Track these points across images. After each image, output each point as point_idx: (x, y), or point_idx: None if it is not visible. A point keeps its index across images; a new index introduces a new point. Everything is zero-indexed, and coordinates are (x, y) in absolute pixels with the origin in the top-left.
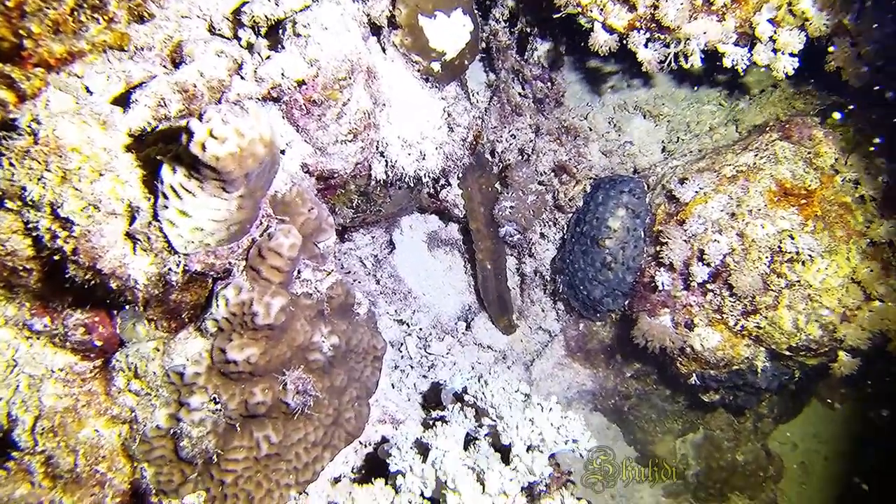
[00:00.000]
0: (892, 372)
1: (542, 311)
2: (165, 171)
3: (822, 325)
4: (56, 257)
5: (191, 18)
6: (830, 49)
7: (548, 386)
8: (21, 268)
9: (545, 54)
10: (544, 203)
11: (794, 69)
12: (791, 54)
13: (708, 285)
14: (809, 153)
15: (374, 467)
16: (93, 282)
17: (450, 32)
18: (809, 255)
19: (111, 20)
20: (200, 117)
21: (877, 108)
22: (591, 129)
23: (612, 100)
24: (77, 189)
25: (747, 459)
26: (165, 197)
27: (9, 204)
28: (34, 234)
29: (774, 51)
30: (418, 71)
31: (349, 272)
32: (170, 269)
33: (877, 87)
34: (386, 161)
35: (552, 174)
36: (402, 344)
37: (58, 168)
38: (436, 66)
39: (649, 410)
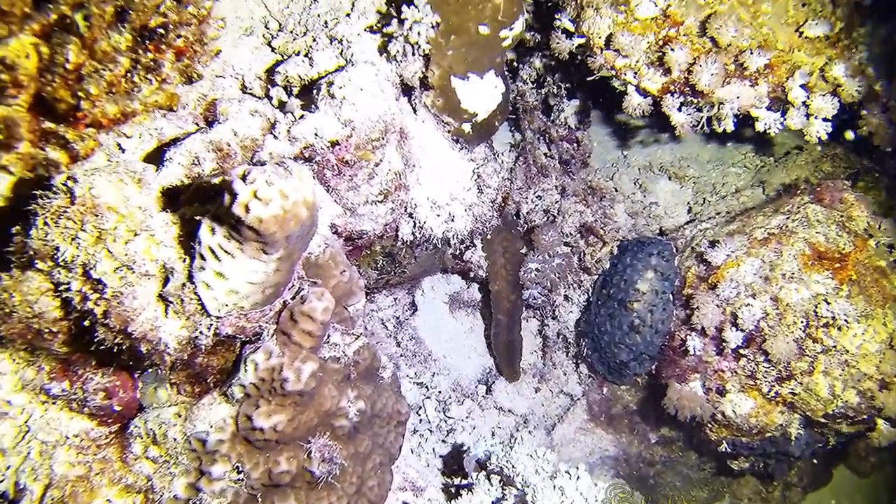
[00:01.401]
0: None
1: (565, 374)
2: (204, 231)
3: (860, 392)
4: (86, 321)
5: (224, 78)
6: (863, 113)
7: (570, 451)
8: (47, 330)
9: (572, 115)
10: (570, 265)
11: (827, 134)
12: (824, 119)
13: (741, 350)
14: (842, 217)
15: None
16: (123, 345)
17: (481, 94)
18: (845, 320)
19: (163, 81)
20: (244, 178)
21: None
22: (616, 191)
23: (637, 161)
24: (111, 250)
25: None
26: (203, 258)
27: (39, 265)
28: (64, 295)
29: (807, 115)
30: (448, 132)
31: (372, 334)
32: (201, 332)
33: None
34: (414, 222)
35: (578, 235)
36: (420, 407)
37: (93, 228)
38: (466, 128)
39: (674, 478)
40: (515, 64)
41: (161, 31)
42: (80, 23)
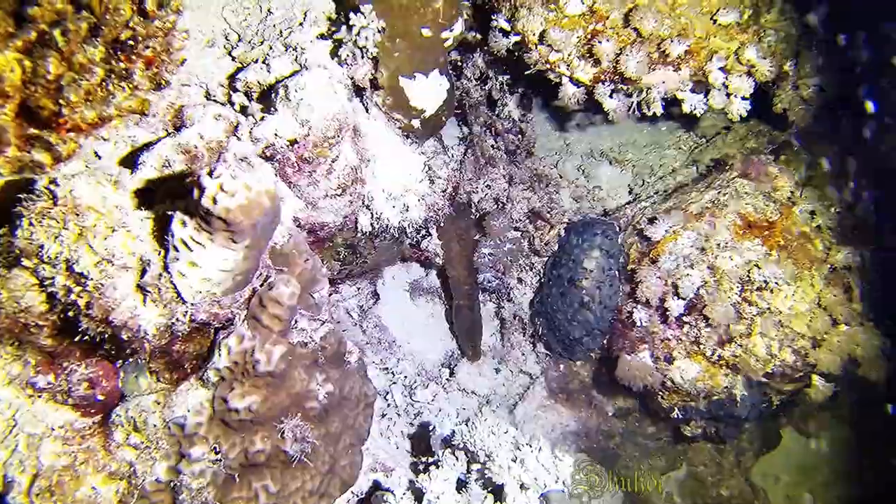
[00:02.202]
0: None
1: (523, 354)
2: (176, 224)
3: (795, 350)
4: (70, 312)
5: (190, 86)
6: (777, 92)
7: (531, 428)
8: (34, 324)
9: (515, 108)
10: (521, 248)
11: (746, 111)
12: (743, 98)
13: (684, 318)
14: (768, 188)
15: None
16: (105, 334)
17: (428, 92)
18: (776, 283)
19: (136, 88)
20: (211, 173)
21: (822, 141)
22: (561, 177)
23: (580, 148)
24: (92, 245)
25: (732, 494)
26: (176, 249)
27: (25, 262)
28: (49, 289)
29: (727, 95)
30: (399, 128)
31: (338, 322)
32: (177, 318)
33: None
34: (372, 213)
35: (527, 220)
36: (388, 392)
37: (75, 226)
38: (416, 123)
39: (633, 449)
40: (460, 63)
41: (131, 43)
42: (58, 38)
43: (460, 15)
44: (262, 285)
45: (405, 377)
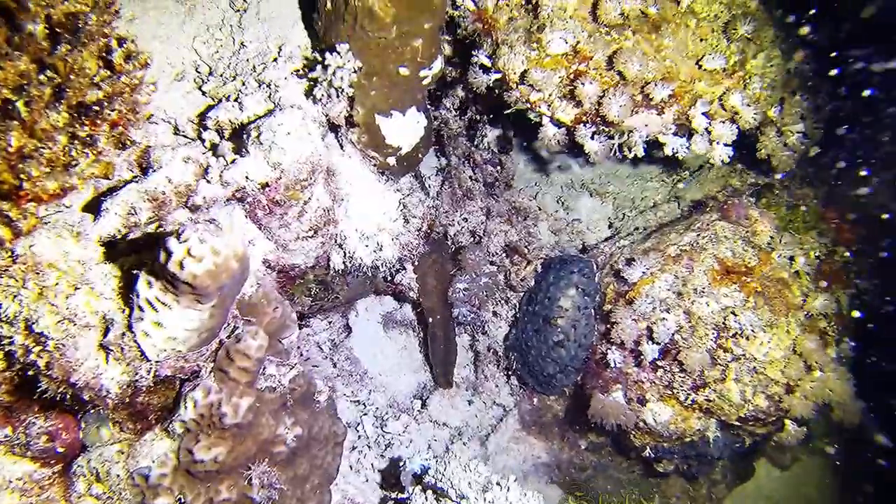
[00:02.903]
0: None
1: (497, 386)
2: (142, 285)
3: (769, 397)
4: (29, 371)
5: (157, 124)
6: (760, 138)
7: (504, 460)
8: None
9: (494, 139)
10: (496, 283)
11: (729, 157)
12: (726, 144)
13: (658, 362)
14: (747, 232)
15: None
16: (66, 394)
17: (404, 130)
18: (752, 330)
19: (100, 154)
20: (178, 236)
21: (804, 186)
22: (540, 209)
23: (560, 179)
24: (53, 304)
25: None
26: (141, 309)
27: None
28: (6, 349)
29: (710, 141)
30: (375, 165)
31: (307, 359)
32: (141, 375)
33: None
34: (344, 252)
35: (504, 255)
36: (359, 424)
37: (35, 285)
38: (391, 161)
39: (605, 482)
40: (438, 93)
41: (96, 108)
42: (21, 108)
43: (440, 52)
44: (229, 337)
45: (376, 408)
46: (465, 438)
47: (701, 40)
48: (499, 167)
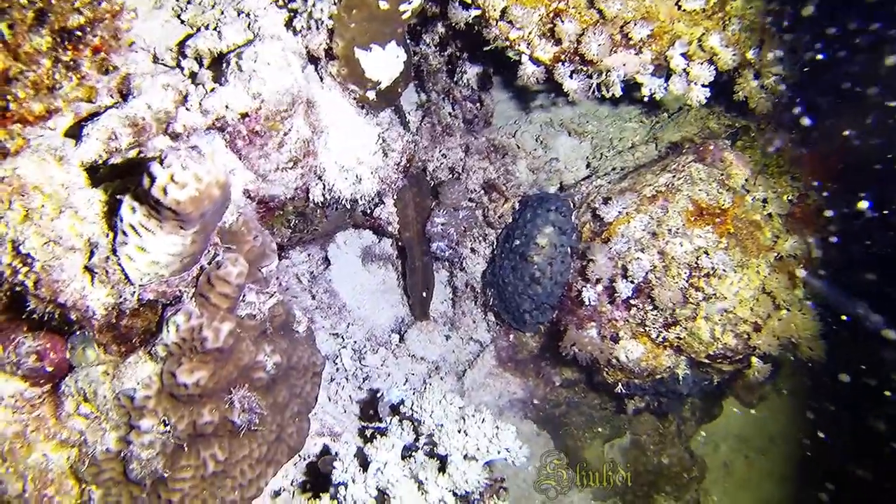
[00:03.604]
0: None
1: (474, 322)
2: (125, 210)
3: (737, 335)
4: (17, 289)
5: (136, 52)
6: (738, 80)
7: (480, 395)
8: None
9: (474, 76)
10: (475, 219)
11: (706, 98)
12: (703, 85)
13: (632, 301)
14: (722, 174)
15: (315, 479)
16: (54, 314)
17: (384, 64)
18: (724, 270)
19: (83, 78)
20: (162, 161)
21: (780, 130)
22: (518, 147)
23: (539, 117)
24: (38, 226)
25: (672, 462)
26: (125, 234)
27: None
28: None
29: (688, 81)
30: (354, 99)
31: (287, 289)
32: (125, 298)
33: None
34: (324, 185)
35: (482, 191)
36: (337, 356)
37: (20, 207)
38: (371, 95)
39: (578, 417)
40: (419, 28)
41: (78, 33)
42: (4, 31)
43: None
44: (210, 263)
45: (355, 342)
46: (442, 373)
47: None
48: (478, 104)
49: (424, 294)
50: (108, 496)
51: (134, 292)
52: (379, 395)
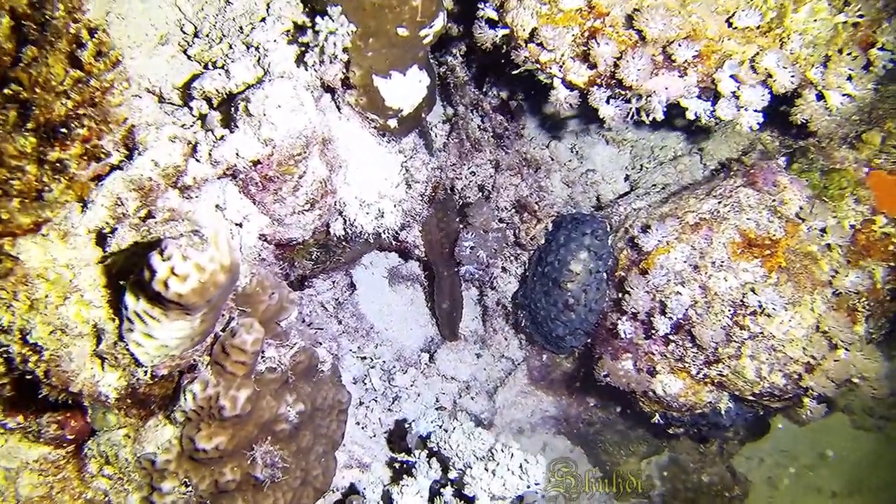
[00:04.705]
0: None
1: (505, 339)
2: (129, 298)
3: (787, 375)
4: (28, 377)
5: (141, 97)
6: (797, 101)
7: (511, 413)
8: None
9: (504, 87)
10: (505, 239)
11: (758, 124)
12: (755, 110)
13: (670, 336)
14: (774, 201)
15: None
16: (67, 400)
17: (405, 91)
18: (773, 308)
19: (72, 178)
20: (161, 252)
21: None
22: (552, 160)
23: (574, 125)
24: (44, 315)
25: (713, 480)
26: (130, 321)
27: None
28: (4, 356)
29: (738, 107)
30: (374, 128)
31: (310, 324)
32: (138, 378)
33: None
34: (344, 220)
35: (513, 211)
36: (366, 376)
37: (25, 297)
38: (392, 123)
39: (613, 435)
40: (443, 37)
41: (63, 130)
42: None
43: (441, 9)
44: (224, 330)
45: (383, 362)
46: (472, 393)
47: None
48: (509, 115)
49: (453, 315)
50: None
51: (146, 371)
52: (408, 425)
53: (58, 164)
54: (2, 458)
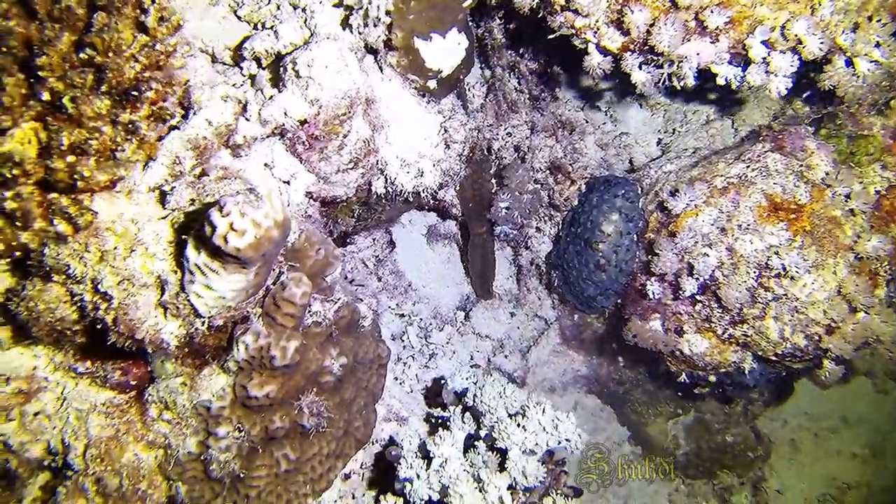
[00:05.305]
0: None
1: (539, 299)
2: (191, 252)
3: (808, 336)
4: (98, 325)
5: (195, 57)
6: (826, 67)
7: (544, 372)
8: (68, 331)
9: (541, 49)
10: (540, 200)
11: (787, 90)
12: (784, 76)
13: (697, 297)
14: (801, 166)
15: (382, 466)
16: (133, 347)
17: (445, 52)
18: (797, 271)
19: (142, 140)
20: (221, 209)
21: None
22: (587, 122)
23: (609, 89)
24: (113, 267)
25: (736, 440)
26: (191, 273)
27: (56, 278)
28: (78, 304)
29: (767, 72)
30: (415, 88)
31: (352, 281)
32: (196, 328)
33: None
34: (386, 178)
35: (548, 172)
36: (403, 334)
37: (96, 249)
38: (432, 84)
39: (642, 395)
40: (482, 2)
41: (135, 92)
42: (67, 105)
43: None
44: (275, 283)
45: (420, 319)
46: (506, 351)
47: None
48: (545, 78)
49: (485, 273)
50: (193, 491)
51: (204, 322)
52: (443, 381)
53: (130, 126)
54: (74, 399)
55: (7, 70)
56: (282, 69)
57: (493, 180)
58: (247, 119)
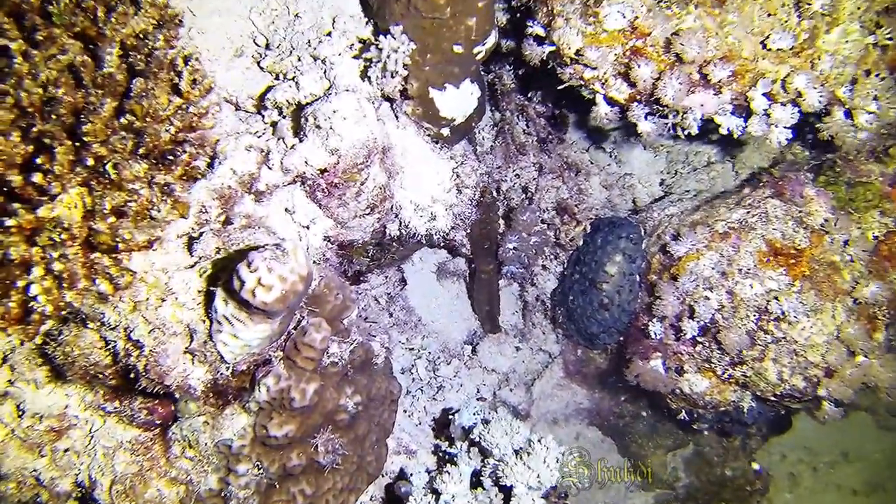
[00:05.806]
0: None
1: (543, 333)
2: (219, 303)
3: (807, 378)
4: (130, 373)
5: (220, 108)
6: (825, 119)
7: (547, 405)
8: (101, 374)
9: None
10: (546, 240)
11: (787, 140)
12: (785, 127)
13: (698, 339)
14: (801, 212)
15: (392, 498)
16: (161, 392)
17: (458, 102)
18: (795, 316)
19: (176, 201)
20: (249, 265)
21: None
22: (591, 163)
23: (615, 135)
24: (145, 317)
25: (735, 475)
26: (219, 323)
27: (91, 325)
28: (112, 350)
29: (769, 124)
30: (429, 135)
31: (366, 318)
32: (221, 373)
33: None
34: (400, 222)
35: (554, 213)
36: (412, 366)
37: (129, 299)
38: (445, 132)
39: (642, 427)
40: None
41: (170, 157)
42: (110, 171)
43: (494, 27)
44: (296, 328)
45: (429, 353)
46: (511, 385)
47: (769, 15)
48: (553, 122)
49: (491, 309)
50: None
51: (229, 367)
52: (451, 415)
53: (165, 187)
54: (102, 437)
55: (57, 138)
56: (303, 119)
57: (501, 221)
58: (269, 167)
